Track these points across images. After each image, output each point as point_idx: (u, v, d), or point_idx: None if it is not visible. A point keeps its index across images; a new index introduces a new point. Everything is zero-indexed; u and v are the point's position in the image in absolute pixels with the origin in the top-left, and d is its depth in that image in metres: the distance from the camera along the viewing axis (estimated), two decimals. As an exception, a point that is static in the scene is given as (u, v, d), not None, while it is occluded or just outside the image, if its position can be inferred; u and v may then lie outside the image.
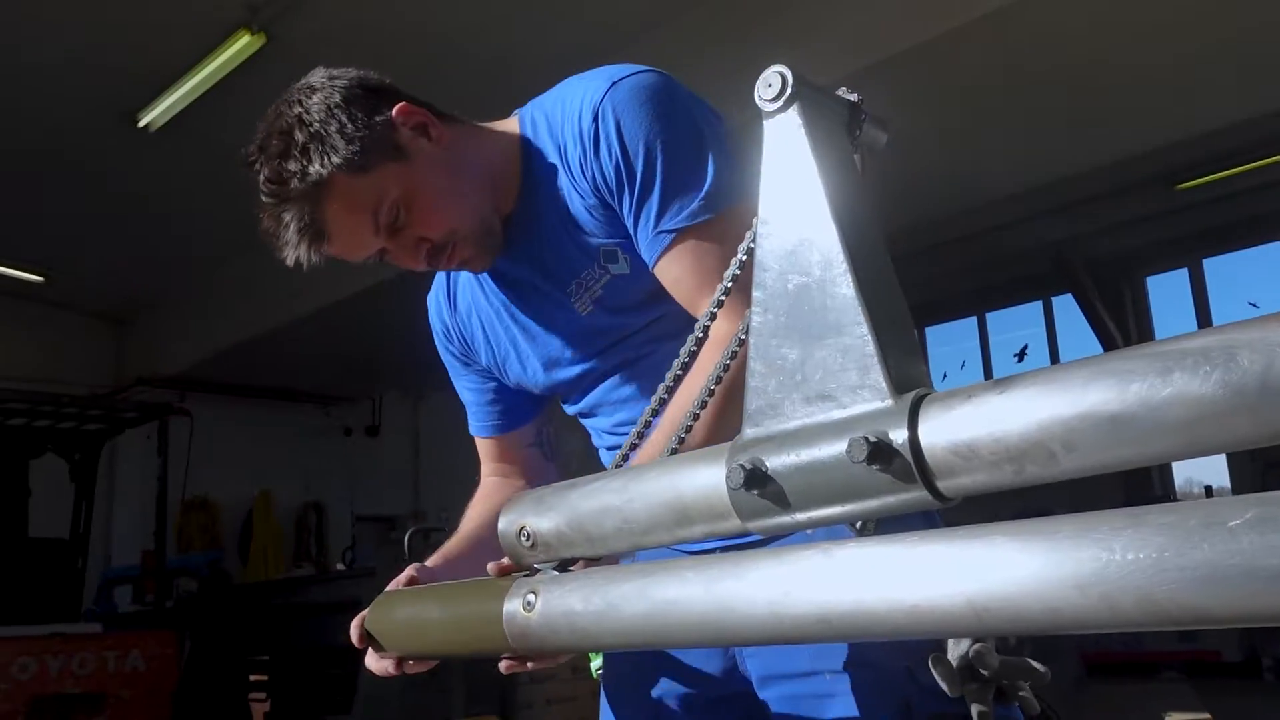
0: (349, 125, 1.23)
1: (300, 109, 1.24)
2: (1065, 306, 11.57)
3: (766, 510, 0.67)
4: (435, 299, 1.57)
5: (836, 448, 0.63)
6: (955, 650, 1.14)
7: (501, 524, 0.88)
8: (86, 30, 6.27)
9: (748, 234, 0.76)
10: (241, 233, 1.48)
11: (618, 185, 1.23)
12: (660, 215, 1.21)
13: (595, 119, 1.23)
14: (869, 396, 0.64)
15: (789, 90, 0.69)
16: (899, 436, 0.60)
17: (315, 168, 1.21)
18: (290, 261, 1.27)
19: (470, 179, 1.32)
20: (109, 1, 6.09)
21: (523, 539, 0.85)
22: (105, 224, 8.90)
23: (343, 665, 5.93)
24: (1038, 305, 12.29)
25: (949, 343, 13.30)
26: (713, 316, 0.84)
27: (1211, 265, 11.04)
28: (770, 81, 0.69)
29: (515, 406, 1.56)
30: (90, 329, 11.38)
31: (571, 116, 1.27)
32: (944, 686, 1.12)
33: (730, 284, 0.83)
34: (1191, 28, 5.83)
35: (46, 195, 8.34)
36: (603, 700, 1.49)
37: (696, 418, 0.83)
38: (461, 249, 1.31)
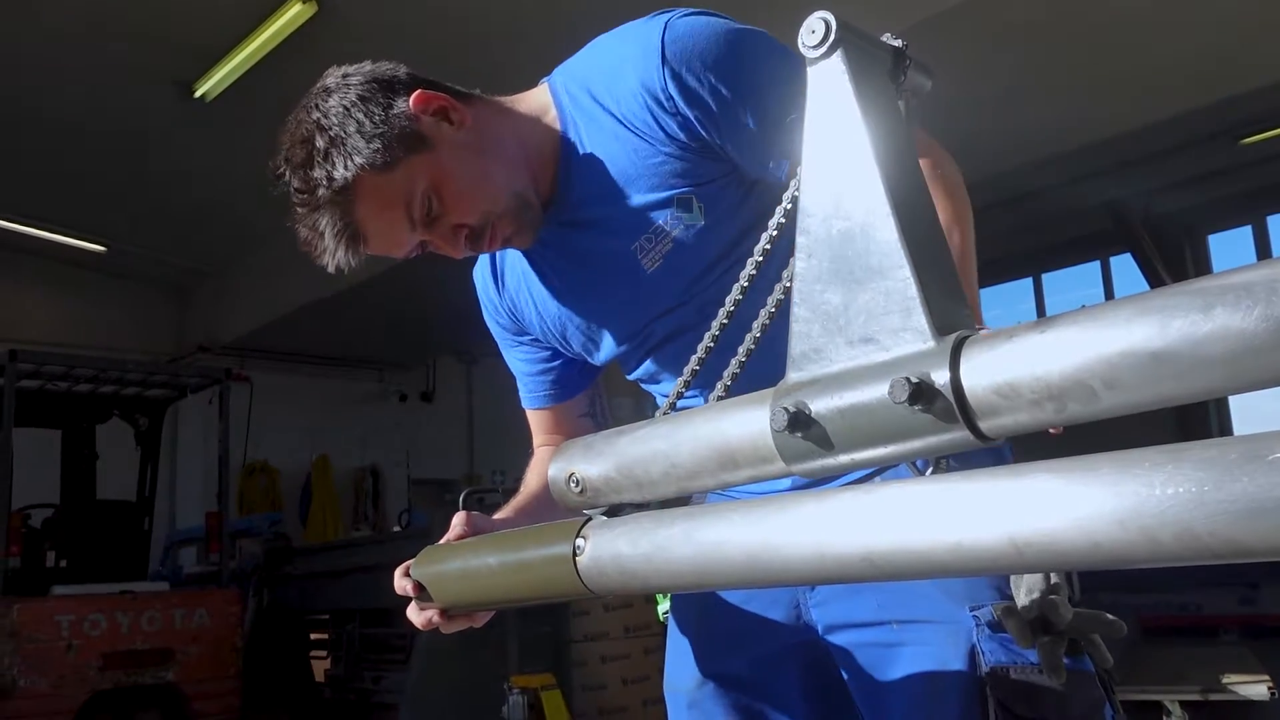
0: (367, 123, 1.21)
1: (318, 114, 1.23)
2: (1124, 266, 11.35)
3: (810, 452, 0.69)
4: (481, 276, 1.55)
5: (879, 389, 0.64)
6: (1025, 601, 1.11)
7: (551, 471, 0.90)
8: (142, 2, 6.36)
9: (792, 182, 0.77)
10: (296, 199, 1.51)
11: (721, 110, 1.19)
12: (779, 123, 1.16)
13: (664, 61, 1.19)
14: (911, 339, 0.65)
15: (832, 36, 0.69)
16: (941, 377, 0.61)
17: (340, 172, 1.20)
18: (332, 267, 1.25)
19: (499, 157, 1.29)
20: (163, -28, 6.18)
21: (572, 485, 0.87)
22: (164, 194, 9.06)
23: (400, 624, 6.06)
24: (1095, 265, 12.07)
25: (1004, 304, 13.11)
26: (765, 254, 0.84)
27: (1276, 222, 10.77)
28: (814, 28, 0.70)
29: (567, 377, 1.54)
30: (151, 297, 11.63)
31: (624, 72, 1.24)
32: (1015, 639, 1.10)
33: (775, 231, 0.84)
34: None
35: (106, 167, 8.51)
36: (669, 647, 1.50)
37: (743, 365, 0.83)
38: (501, 228, 1.29)
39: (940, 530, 0.62)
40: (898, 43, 0.74)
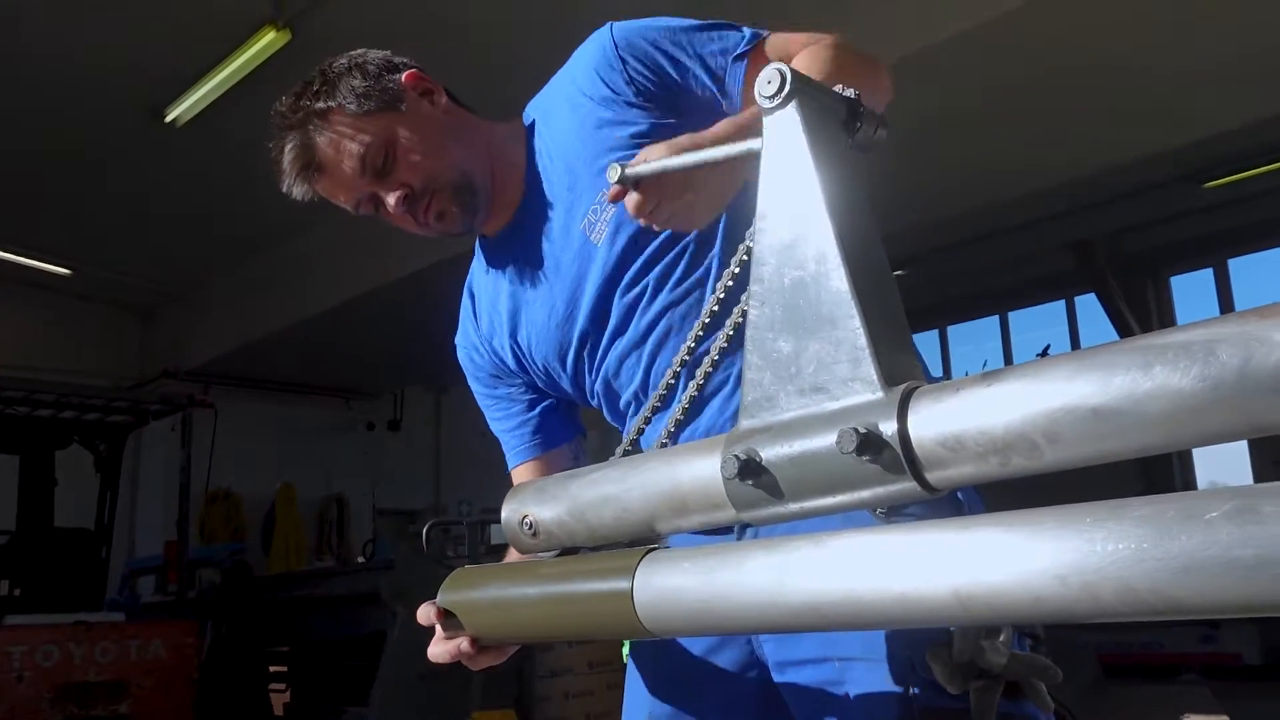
0: (360, 77, 1.38)
1: (327, 66, 1.41)
2: (1088, 306, 11.51)
3: (760, 500, 0.69)
4: (462, 334, 1.60)
5: (827, 439, 0.64)
6: (961, 643, 1.10)
7: (505, 513, 0.89)
8: (114, 27, 6.33)
9: (747, 232, 0.77)
10: (265, 227, 1.50)
11: (667, 57, 1.32)
12: (723, 50, 1.30)
13: (611, 32, 1.34)
14: (860, 389, 0.65)
15: (788, 87, 0.70)
16: (888, 428, 0.61)
17: (319, 104, 1.36)
18: (285, 188, 1.39)
19: (461, 141, 1.42)
20: (136, -2, 6.16)
21: (525, 528, 0.87)
22: (132, 218, 8.99)
23: (362, 657, 5.98)
24: (1061, 305, 12.23)
25: (971, 342, 13.25)
26: (733, 277, 0.85)
27: (1237, 265, 10.96)
28: (770, 79, 0.71)
29: (548, 426, 1.55)
30: (116, 322, 11.51)
31: (577, 61, 1.38)
32: (941, 683, 1.09)
33: (746, 255, 0.84)
34: (1223, 24, 5.78)
35: (74, 189, 8.43)
36: (626, 686, 1.47)
37: (694, 400, 0.84)
38: (438, 200, 1.39)
39: (886, 581, 0.62)
40: (851, 93, 0.75)
